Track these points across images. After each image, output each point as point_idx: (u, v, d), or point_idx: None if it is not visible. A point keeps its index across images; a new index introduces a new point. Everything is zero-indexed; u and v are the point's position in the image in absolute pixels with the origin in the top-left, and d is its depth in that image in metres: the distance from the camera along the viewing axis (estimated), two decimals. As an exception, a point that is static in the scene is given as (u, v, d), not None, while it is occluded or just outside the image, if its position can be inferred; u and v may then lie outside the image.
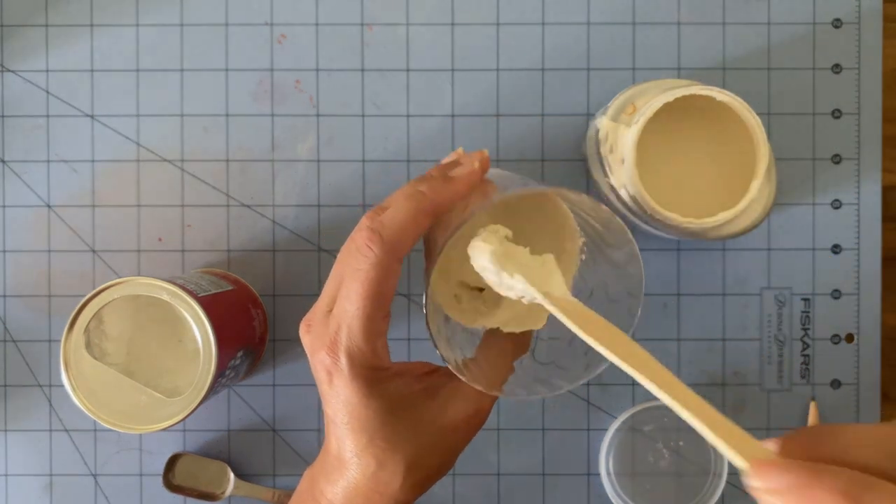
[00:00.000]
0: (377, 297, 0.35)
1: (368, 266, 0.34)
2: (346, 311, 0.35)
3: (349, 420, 0.35)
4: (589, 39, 0.54)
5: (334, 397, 0.36)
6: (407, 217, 0.35)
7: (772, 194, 0.48)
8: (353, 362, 0.35)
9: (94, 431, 0.54)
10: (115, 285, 0.44)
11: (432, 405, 0.37)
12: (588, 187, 0.54)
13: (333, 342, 0.35)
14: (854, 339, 0.54)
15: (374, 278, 0.34)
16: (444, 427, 0.37)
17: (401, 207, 0.35)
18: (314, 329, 0.36)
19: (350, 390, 0.35)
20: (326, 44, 0.54)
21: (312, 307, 0.38)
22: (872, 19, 0.54)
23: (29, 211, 0.54)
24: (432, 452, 0.37)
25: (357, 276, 0.34)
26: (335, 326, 0.35)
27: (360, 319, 0.34)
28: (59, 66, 0.54)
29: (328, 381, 0.36)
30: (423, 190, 0.36)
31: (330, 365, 0.35)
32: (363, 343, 0.35)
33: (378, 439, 0.35)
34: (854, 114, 0.54)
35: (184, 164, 0.54)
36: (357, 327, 0.35)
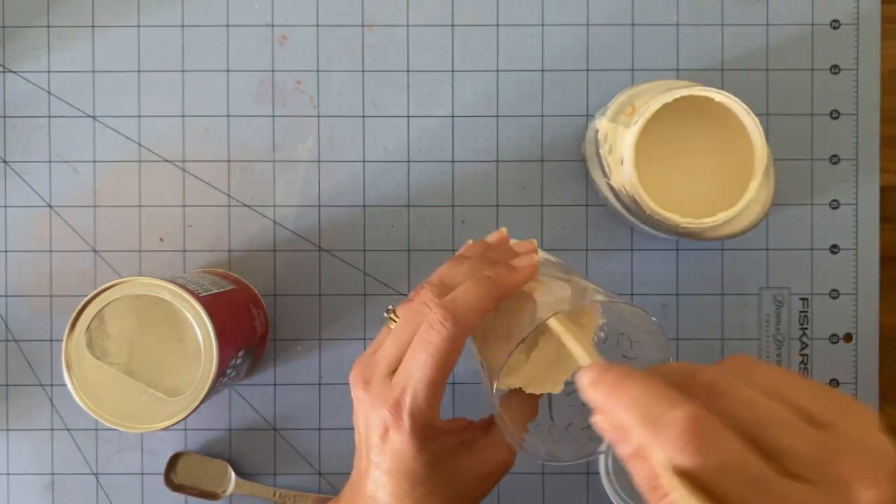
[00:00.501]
0: (444, 369, 0.38)
1: (440, 340, 0.38)
2: (413, 377, 0.38)
3: (397, 469, 0.39)
4: (588, 40, 0.54)
5: (385, 448, 0.39)
6: (477, 300, 0.39)
7: (770, 195, 0.48)
8: (414, 422, 0.38)
9: (95, 431, 0.54)
10: (117, 285, 0.44)
11: (468, 457, 0.41)
12: (587, 188, 0.54)
13: (398, 403, 0.39)
14: (852, 338, 0.54)
15: (444, 351, 0.38)
16: (478, 476, 0.41)
17: (471, 289, 0.39)
18: (375, 388, 0.40)
19: (405, 445, 0.39)
20: (327, 45, 0.54)
21: (365, 363, 0.41)
22: (871, 20, 0.54)
23: (31, 211, 0.54)
24: (464, 497, 0.41)
25: (429, 348, 0.38)
26: (400, 389, 0.39)
27: (426, 386, 0.38)
28: (60, 66, 0.54)
29: (383, 434, 0.39)
30: (490, 276, 0.40)
31: (391, 422, 0.39)
32: (426, 406, 0.38)
33: (420, 486, 0.39)
34: (852, 114, 0.54)
35: (185, 164, 0.54)
36: (422, 393, 0.38)
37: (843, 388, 0.54)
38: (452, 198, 0.54)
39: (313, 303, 0.54)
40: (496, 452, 0.41)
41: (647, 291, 0.54)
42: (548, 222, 0.54)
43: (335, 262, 0.54)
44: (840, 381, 0.54)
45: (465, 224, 0.54)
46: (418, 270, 0.54)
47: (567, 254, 0.54)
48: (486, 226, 0.54)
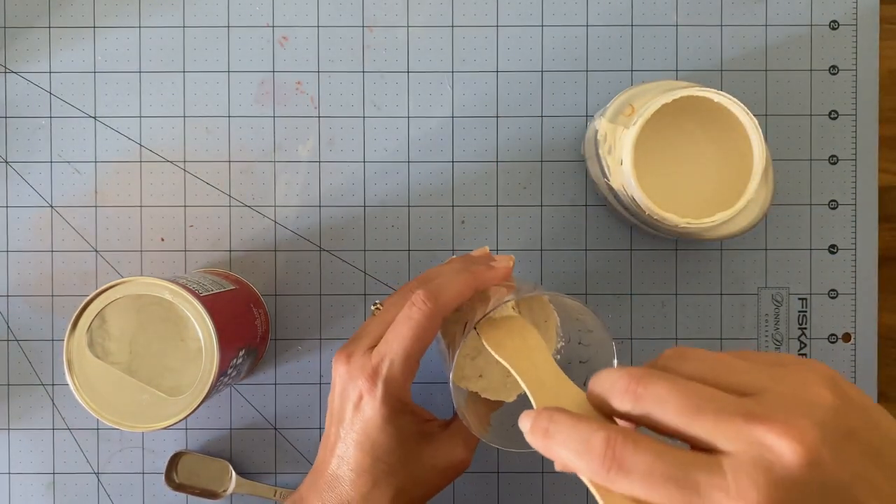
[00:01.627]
0: (420, 342, 0.42)
1: (421, 316, 0.41)
2: (392, 347, 0.41)
3: (363, 440, 0.42)
4: (588, 41, 0.54)
5: (356, 417, 0.42)
6: (458, 286, 0.43)
7: (769, 195, 0.48)
8: (387, 389, 0.41)
9: (96, 430, 0.54)
10: (118, 285, 0.44)
11: (428, 447, 0.44)
12: (587, 188, 0.54)
13: (375, 370, 0.41)
14: (851, 338, 0.54)
15: (423, 326, 0.41)
16: (435, 467, 0.44)
17: (452, 279, 0.43)
18: (355, 360, 0.43)
19: (376, 413, 0.41)
20: (327, 46, 0.55)
21: (350, 343, 0.44)
22: (869, 21, 0.54)
23: (32, 211, 0.54)
24: (419, 485, 0.43)
25: (409, 322, 0.41)
26: (378, 358, 0.42)
27: (403, 356, 0.41)
28: (62, 67, 0.54)
29: (356, 403, 0.42)
30: (471, 270, 0.44)
31: (366, 389, 0.41)
32: (400, 376, 0.41)
33: (381, 461, 0.42)
34: (851, 115, 0.54)
35: (186, 164, 0.55)
36: (399, 362, 0.41)
37: (841, 388, 0.54)
38: (452, 198, 0.55)
39: (313, 303, 0.55)
40: (453, 449, 0.44)
41: (646, 291, 0.54)
42: (548, 222, 0.54)
43: (335, 262, 0.55)
44: (839, 381, 0.54)
45: (465, 224, 0.55)
46: (418, 270, 0.54)
47: (567, 254, 0.54)
48: (485, 226, 0.54)
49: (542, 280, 0.54)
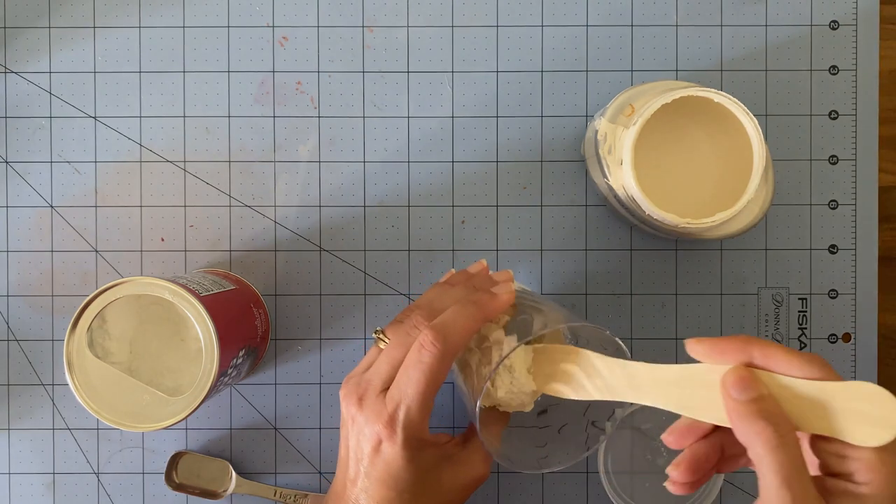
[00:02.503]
0: (434, 385, 0.42)
1: (432, 360, 0.41)
2: (407, 394, 0.42)
3: (386, 478, 0.42)
4: (587, 41, 0.54)
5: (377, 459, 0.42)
6: (464, 322, 0.43)
7: (769, 195, 0.48)
8: (407, 435, 0.42)
9: (96, 430, 0.54)
10: (118, 285, 0.44)
11: (449, 470, 0.44)
12: (587, 188, 0.54)
13: (392, 418, 0.42)
14: (851, 338, 0.54)
15: (435, 370, 0.42)
16: (456, 487, 0.45)
17: (458, 314, 0.43)
18: (369, 404, 0.43)
19: (397, 456, 0.42)
20: (327, 46, 0.55)
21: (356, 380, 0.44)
22: (869, 21, 0.54)
23: (32, 211, 0.54)
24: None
25: (421, 367, 0.41)
26: (394, 405, 0.42)
27: (419, 402, 0.41)
28: (62, 67, 0.54)
29: (375, 447, 0.42)
30: (475, 301, 0.44)
31: (385, 436, 0.42)
32: (418, 420, 0.42)
33: (406, 493, 0.42)
34: (851, 115, 0.54)
35: (186, 164, 0.55)
36: (415, 408, 0.42)
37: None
38: (452, 198, 0.55)
39: (313, 303, 0.55)
40: (473, 466, 0.45)
41: (646, 291, 0.54)
42: (547, 222, 0.55)
43: (335, 262, 0.55)
44: (839, 381, 0.54)
45: (465, 224, 0.55)
46: (418, 270, 0.54)
47: (567, 254, 0.54)
48: (486, 226, 0.54)
49: (542, 280, 0.55)
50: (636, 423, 0.54)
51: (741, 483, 0.54)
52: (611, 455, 0.53)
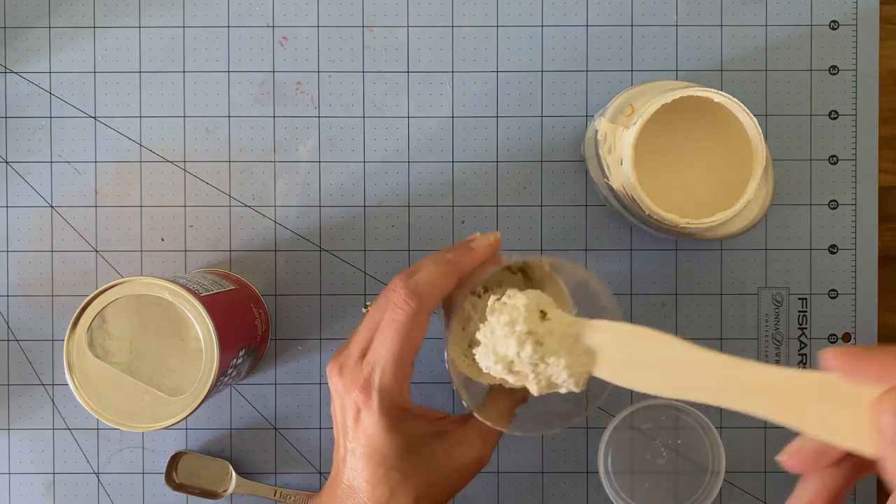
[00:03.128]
0: (409, 344, 0.40)
1: (405, 318, 0.40)
2: (380, 355, 0.40)
3: (371, 452, 0.40)
4: (587, 41, 0.54)
5: (359, 431, 0.41)
6: (438, 279, 0.41)
7: (769, 195, 0.48)
8: (383, 399, 0.40)
9: (96, 430, 0.54)
10: (118, 285, 0.44)
11: (442, 447, 0.42)
12: (587, 188, 0.54)
13: (367, 382, 0.40)
14: (851, 338, 0.54)
15: (409, 328, 0.40)
16: (451, 467, 0.42)
17: (432, 271, 0.41)
18: (347, 372, 0.41)
19: (377, 425, 0.40)
20: (327, 46, 0.54)
21: (341, 353, 0.43)
22: (869, 21, 0.54)
23: (32, 211, 0.54)
24: (438, 488, 0.42)
25: (394, 325, 0.40)
26: (369, 368, 0.40)
27: (393, 363, 0.40)
28: (62, 67, 0.54)
29: (355, 416, 0.41)
30: (449, 257, 0.42)
31: (362, 402, 0.40)
32: (394, 383, 0.40)
33: (394, 471, 0.40)
34: (851, 115, 0.54)
35: (186, 164, 0.55)
36: (390, 369, 0.40)
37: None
38: (452, 198, 0.55)
39: (314, 303, 0.55)
40: (471, 445, 0.42)
41: (646, 291, 0.54)
42: (547, 222, 0.55)
43: (335, 262, 0.55)
44: (839, 381, 0.54)
45: (465, 224, 0.55)
46: (418, 270, 0.55)
47: (567, 254, 0.54)
48: (486, 226, 0.54)
49: (542, 280, 0.55)
50: (636, 423, 0.54)
51: (742, 483, 0.54)
52: (611, 455, 0.53)
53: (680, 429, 0.53)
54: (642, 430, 0.54)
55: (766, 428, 0.54)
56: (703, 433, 0.53)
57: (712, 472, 0.53)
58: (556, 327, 0.38)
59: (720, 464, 0.53)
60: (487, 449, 0.43)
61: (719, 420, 0.54)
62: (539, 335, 0.38)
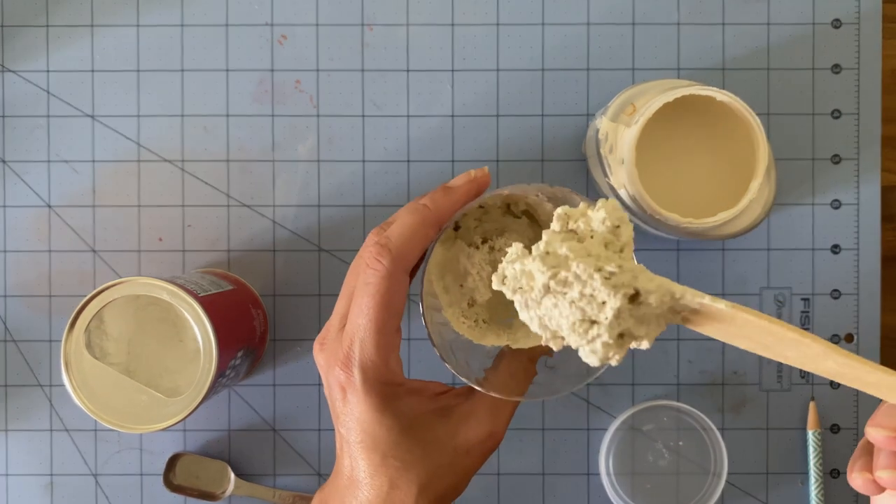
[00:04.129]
0: (388, 309, 0.35)
1: (378, 279, 0.35)
2: (358, 325, 0.35)
3: (363, 438, 0.36)
4: (589, 40, 0.54)
5: (348, 415, 0.36)
6: (412, 229, 0.36)
7: (771, 194, 0.48)
8: (366, 376, 0.35)
9: (94, 431, 0.54)
10: (116, 285, 0.44)
11: (446, 426, 0.37)
12: (588, 187, 0.54)
13: (347, 357, 0.35)
14: (853, 338, 0.54)
15: (384, 290, 0.35)
16: (458, 448, 0.37)
17: (405, 221, 0.36)
18: (328, 346, 0.37)
19: (364, 406, 0.35)
20: (327, 44, 0.54)
21: (325, 326, 0.38)
22: (872, 19, 0.54)
23: (29, 211, 0.54)
24: (445, 473, 0.37)
25: (367, 289, 0.35)
26: (348, 342, 0.35)
27: (373, 332, 0.35)
28: (59, 66, 0.54)
29: (342, 397, 0.36)
30: (424, 202, 0.37)
31: (344, 380, 0.35)
32: (376, 356, 0.35)
33: (391, 458, 0.36)
34: (853, 114, 0.54)
35: (184, 164, 0.54)
36: (370, 340, 0.35)
37: (844, 389, 0.54)
38: (452, 197, 0.54)
39: (313, 303, 0.54)
40: (479, 422, 0.37)
41: (647, 291, 0.54)
42: (548, 222, 0.54)
43: (335, 262, 0.54)
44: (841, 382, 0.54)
45: (466, 224, 0.54)
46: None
47: (567, 254, 0.54)
48: (486, 226, 0.54)
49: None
50: (637, 425, 0.53)
51: (742, 484, 0.54)
52: (612, 456, 0.53)
53: (681, 430, 0.53)
54: (644, 431, 0.53)
55: (768, 430, 0.54)
56: (704, 434, 0.53)
57: (714, 473, 0.53)
58: (650, 311, 0.32)
59: (722, 465, 0.52)
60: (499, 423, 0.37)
61: (721, 421, 0.54)
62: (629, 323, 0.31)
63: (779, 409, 0.54)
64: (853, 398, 0.54)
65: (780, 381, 0.54)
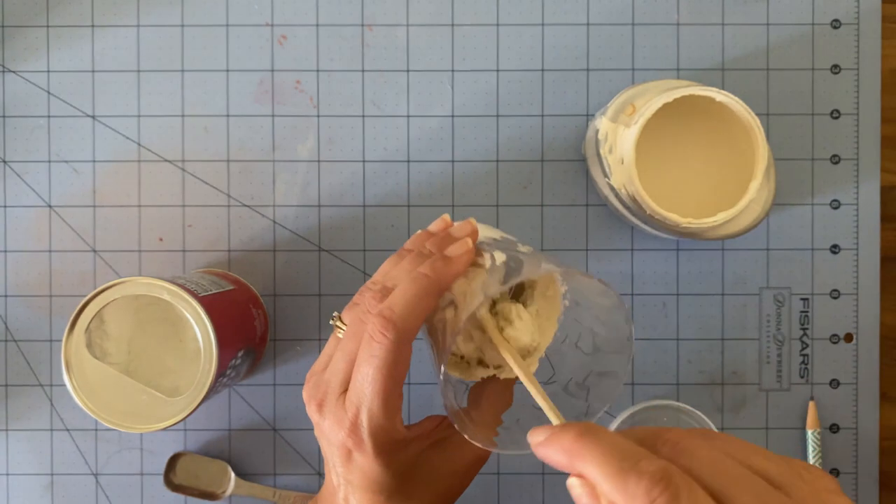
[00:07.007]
0: (394, 379, 0.37)
1: (384, 352, 0.36)
2: (364, 393, 0.37)
3: (368, 484, 0.38)
4: (588, 40, 0.54)
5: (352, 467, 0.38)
6: (415, 301, 0.37)
7: (771, 194, 0.48)
8: (376, 440, 0.37)
9: (95, 431, 0.54)
10: (116, 285, 0.44)
11: (441, 457, 0.40)
12: (587, 188, 0.54)
13: (354, 424, 0.37)
14: (853, 338, 0.54)
15: (390, 362, 0.36)
16: (454, 475, 0.40)
17: (408, 291, 0.37)
18: (329, 411, 0.38)
19: (371, 464, 0.37)
20: (327, 44, 0.54)
21: (317, 383, 0.39)
22: (871, 20, 0.54)
23: (30, 211, 0.54)
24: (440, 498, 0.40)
25: (373, 361, 0.36)
26: (354, 410, 0.37)
27: (381, 401, 0.36)
28: (60, 66, 0.54)
29: (346, 456, 0.38)
30: (426, 273, 0.38)
31: (352, 445, 0.37)
32: (385, 421, 0.37)
33: (394, 495, 0.38)
34: (853, 114, 0.54)
35: (184, 164, 0.54)
36: (378, 409, 0.36)
37: (843, 389, 0.54)
38: (452, 198, 0.54)
39: (313, 303, 0.54)
40: (470, 448, 0.40)
41: (647, 291, 0.54)
42: (548, 222, 0.54)
43: (335, 262, 0.54)
44: (840, 382, 0.54)
45: (465, 224, 0.54)
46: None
47: (567, 254, 0.54)
48: (486, 226, 0.54)
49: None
50: (637, 425, 0.53)
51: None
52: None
53: (681, 430, 0.53)
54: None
55: (768, 429, 0.54)
56: (704, 434, 0.53)
57: (713, 473, 0.53)
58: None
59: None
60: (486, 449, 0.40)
61: (721, 421, 0.54)
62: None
63: (778, 408, 0.54)
64: (853, 398, 0.54)
65: (779, 381, 0.54)
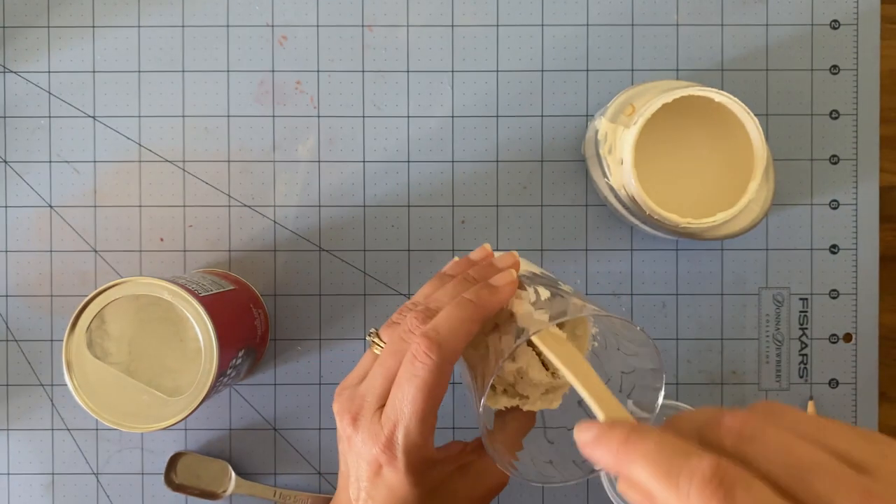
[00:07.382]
0: (433, 400, 0.37)
1: (427, 373, 0.37)
2: (402, 412, 0.37)
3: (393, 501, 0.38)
4: (588, 41, 0.54)
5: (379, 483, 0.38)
6: (459, 325, 0.38)
7: (770, 194, 0.48)
8: (409, 459, 0.38)
9: (95, 430, 0.54)
10: (117, 285, 0.44)
11: (465, 482, 0.41)
12: (587, 188, 0.54)
13: (390, 441, 0.38)
14: (852, 338, 0.54)
15: (432, 383, 0.37)
16: (472, 498, 0.41)
17: (453, 315, 0.38)
18: (364, 426, 0.39)
19: (401, 481, 0.38)
20: (327, 45, 0.54)
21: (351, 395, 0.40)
22: (870, 20, 0.54)
23: (31, 211, 0.54)
24: None
25: (415, 381, 0.37)
26: (391, 426, 0.38)
27: (418, 420, 0.37)
28: (61, 67, 0.54)
29: (376, 470, 0.38)
30: (471, 299, 0.39)
31: (385, 461, 0.38)
32: (420, 440, 0.37)
33: None
34: (852, 114, 0.54)
35: (185, 164, 0.54)
36: (415, 427, 0.37)
37: (842, 388, 0.54)
38: (452, 198, 0.54)
39: (313, 303, 0.54)
40: (491, 475, 0.41)
41: (646, 291, 0.54)
42: (548, 222, 0.54)
43: (335, 262, 0.55)
44: (840, 381, 0.54)
45: (465, 224, 0.54)
46: (418, 270, 0.54)
47: (567, 254, 0.54)
48: (486, 226, 0.54)
49: (543, 280, 0.54)
50: (637, 424, 0.53)
51: (742, 484, 0.54)
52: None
53: (680, 429, 0.53)
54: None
55: (767, 428, 0.54)
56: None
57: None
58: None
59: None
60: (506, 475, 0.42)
61: (720, 420, 0.54)
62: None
63: (777, 408, 0.54)
64: (852, 398, 0.54)
65: (778, 381, 0.54)
